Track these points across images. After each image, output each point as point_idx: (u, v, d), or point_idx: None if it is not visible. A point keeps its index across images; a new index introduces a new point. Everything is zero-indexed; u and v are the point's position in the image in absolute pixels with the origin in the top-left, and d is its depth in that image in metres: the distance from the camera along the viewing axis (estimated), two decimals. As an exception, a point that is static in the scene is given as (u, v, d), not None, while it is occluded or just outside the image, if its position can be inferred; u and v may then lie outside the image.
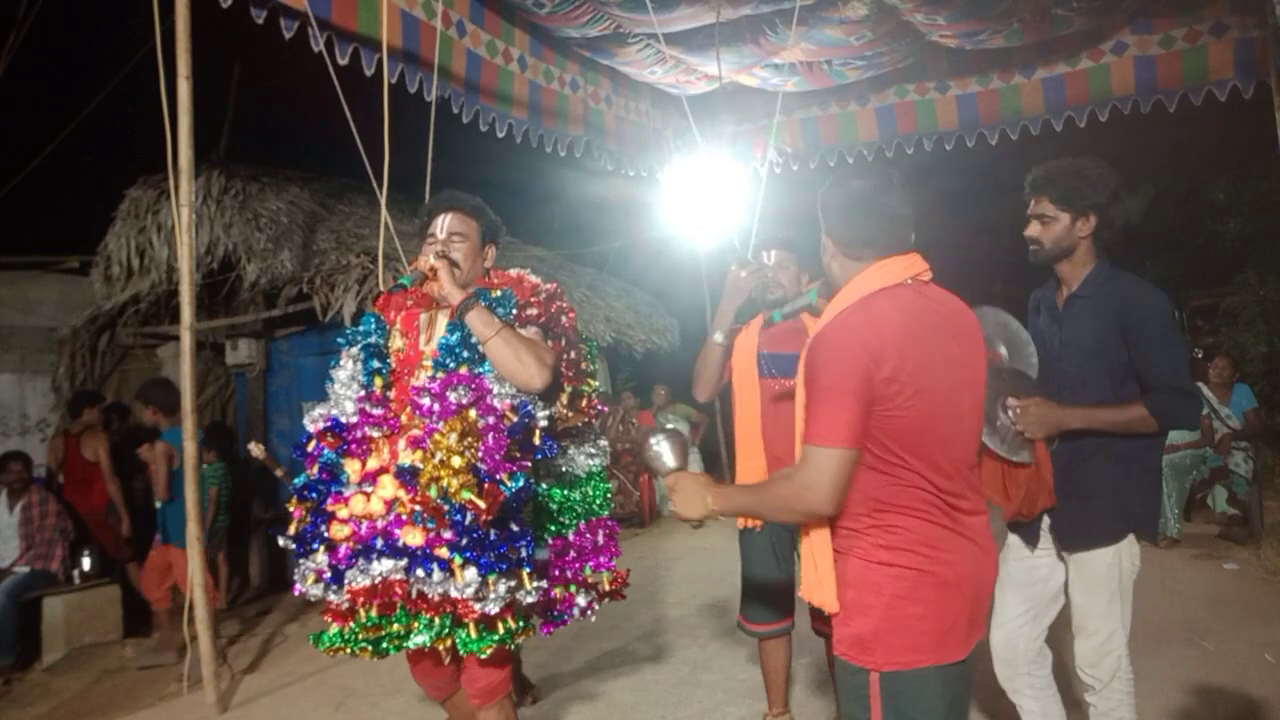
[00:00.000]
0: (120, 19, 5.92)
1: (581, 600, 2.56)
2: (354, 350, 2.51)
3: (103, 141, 9.30)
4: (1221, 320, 9.85)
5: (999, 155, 6.88)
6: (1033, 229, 2.54)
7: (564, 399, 2.61)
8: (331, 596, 2.29)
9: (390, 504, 2.25)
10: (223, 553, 7.13)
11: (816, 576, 1.80)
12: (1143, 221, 11.78)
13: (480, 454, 2.19)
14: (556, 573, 2.58)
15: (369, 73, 4.34)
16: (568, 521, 2.65)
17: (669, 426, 2.31)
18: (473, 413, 2.23)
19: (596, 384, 2.77)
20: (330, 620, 2.35)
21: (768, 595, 3.20)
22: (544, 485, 2.62)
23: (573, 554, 2.62)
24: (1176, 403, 2.33)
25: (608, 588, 2.65)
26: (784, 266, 3.16)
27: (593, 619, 2.60)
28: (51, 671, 5.40)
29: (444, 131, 4.49)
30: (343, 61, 4.19)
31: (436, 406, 2.24)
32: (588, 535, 2.64)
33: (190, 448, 4.34)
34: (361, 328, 2.54)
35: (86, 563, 5.94)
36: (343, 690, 4.40)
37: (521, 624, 2.32)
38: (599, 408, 2.76)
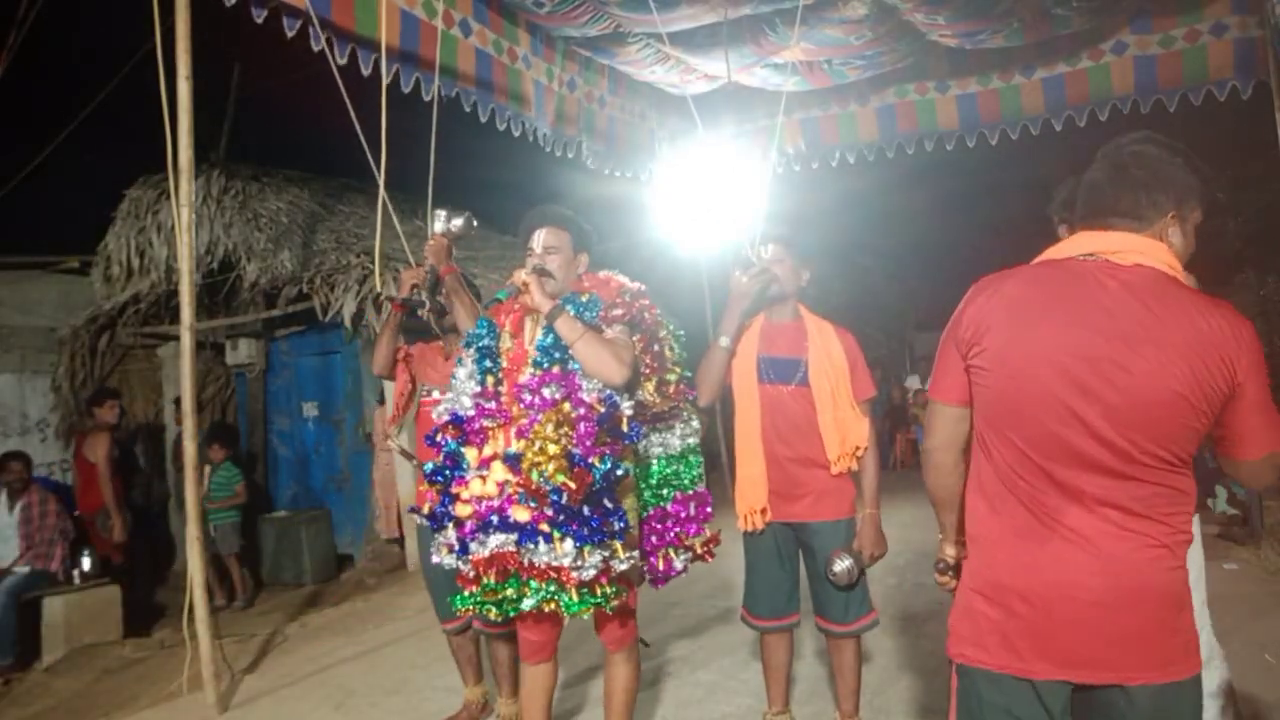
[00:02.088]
0: (120, 19, 5.92)
1: (679, 563, 3.01)
2: (470, 351, 2.80)
3: (103, 141, 9.30)
4: (1221, 320, 9.85)
5: (999, 155, 6.88)
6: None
7: (650, 387, 2.91)
8: (460, 566, 2.65)
9: (501, 486, 2.58)
10: (236, 554, 7.12)
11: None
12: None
13: (574, 441, 2.53)
14: (656, 539, 3.00)
15: (366, 72, 4.34)
16: (666, 494, 3.01)
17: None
18: (567, 405, 2.57)
19: (682, 370, 3.04)
20: (463, 586, 2.71)
21: (771, 592, 3.21)
22: (649, 463, 3.01)
23: (670, 522, 3.00)
24: None
25: (699, 550, 3.04)
26: (779, 260, 3.16)
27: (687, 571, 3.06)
28: (51, 671, 5.40)
29: (445, 131, 4.49)
30: (341, 61, 4.19)
31: (536, 401, 2.58)
32: (683, 506, 3.02)
33: (190, 448, 4.34)
34: (477, 331, 2.85)
35: (86, 563, 5.94)
36: (343, 690, 4.40)
37: (615, 589, 2.61)
38: (687, 393, 3.07)
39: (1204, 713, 2.48)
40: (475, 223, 3.56)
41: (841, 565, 3.04)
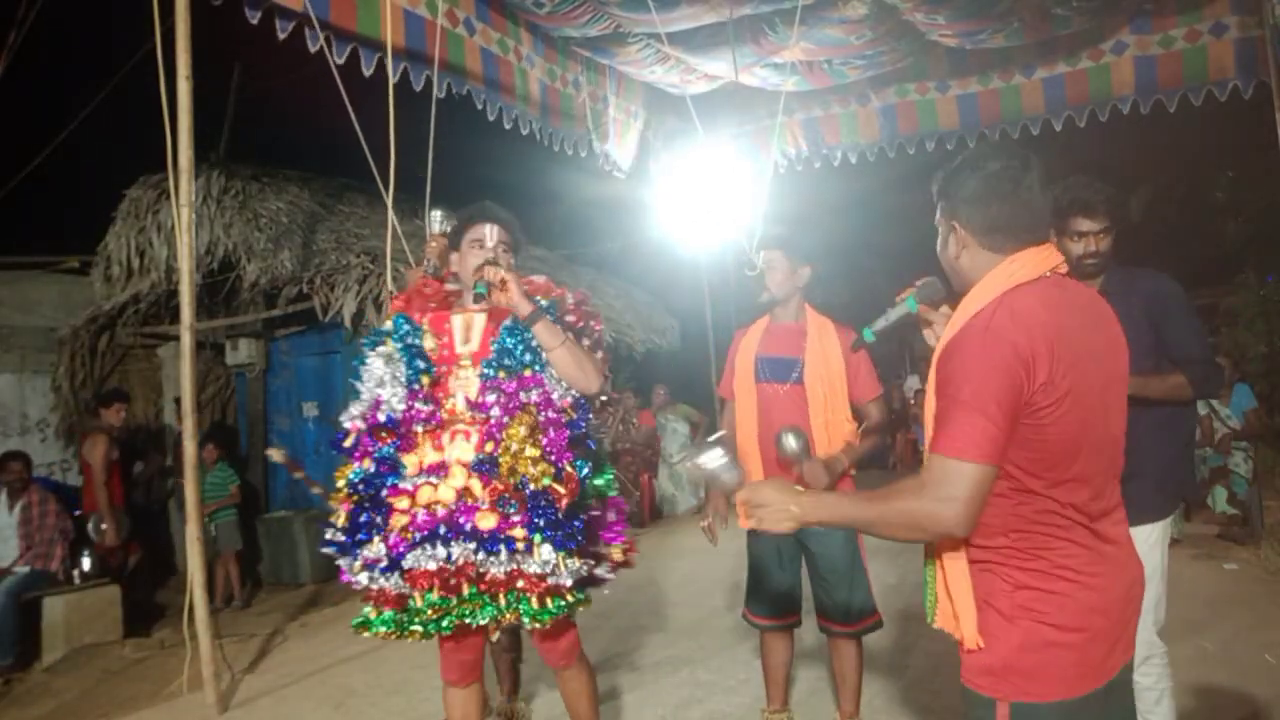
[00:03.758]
0: (120, 19, 5.92)
1: (601, 570, 2.85)
2: (387, 349, 2.58)
3: (103, 141, 9.31)
4: (1221, 320, 9.85)
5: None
6: (1098, 244, 2.64)
7: None
8: (384, 583, 2.43)
9: (460, 492, 2.44)
10: (237, 552, 7.12)
11: (954, 608, 1.63)
12: (1143, 221, 11.79)
13: (546, 446, 2.45)
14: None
15: (368, 72, 4.33)
16: (591, 502, 2.94)
17: (710, 444, 1.86)
18: (533, 409, 2.48)
19: (611, 377, 2.93)
20: (376, 606, 2.50)
21: (772, 592, 3.22)
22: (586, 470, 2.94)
23: (592, 530, 2.91)
24: (1208, 373, 2.61)
25: (620, 557, 2.91)
26: (773, 267, 3.16)
27: (606, 591, 2.86)
28: (51, 671, 5.40)
29: (445, 131, 4.48)
30: (339, 61, 4.18)
31: (506, 403, 2.47)
32: (602, 513, 2.93)
33: (190, 448, 4.34)
34: (394, 328, 2.62)
35: (86, 563, 5.94)
36: (343, 690, 4.40)
37: (581, 595, 2.52)
38: (613, 398, 2.92)
39: (1140, 700, 2.54)
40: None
41: (792, 446, 2.83)
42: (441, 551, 2.39)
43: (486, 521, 2.41)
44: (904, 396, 13.07)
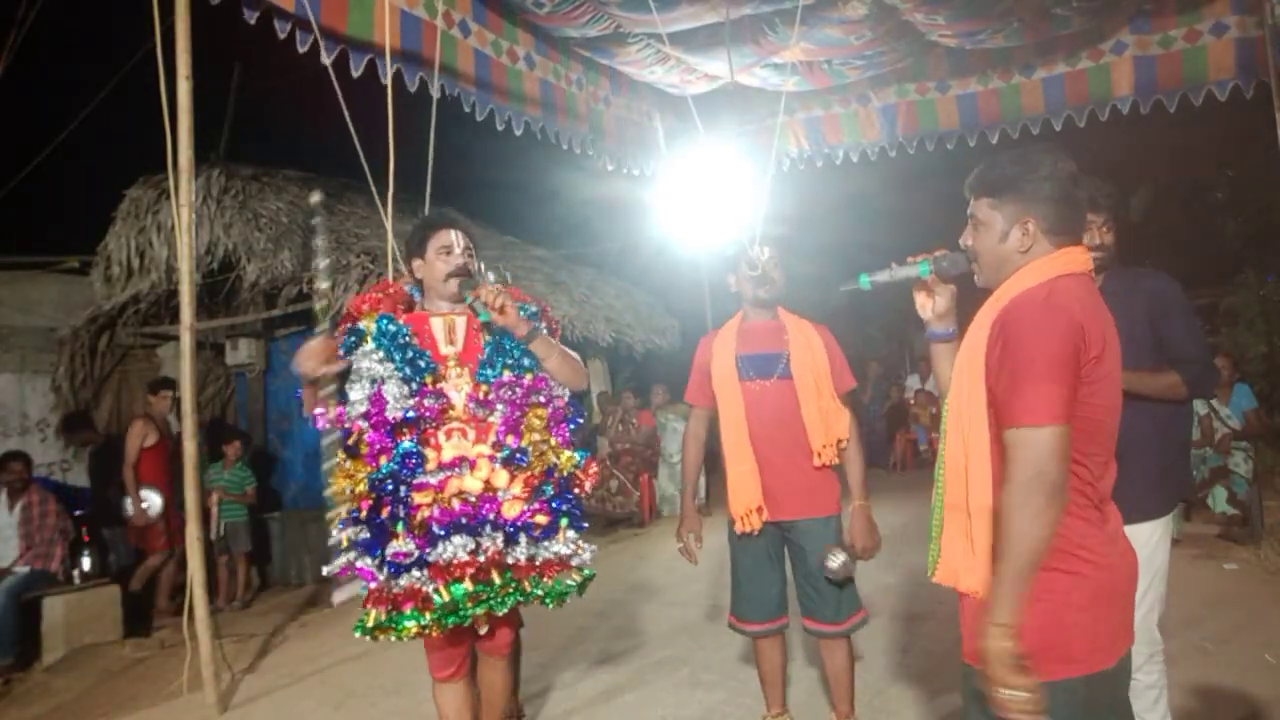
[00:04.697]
0: (120, 19, 5.92)
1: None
2: (368, 348, 2.57)
3: (103, 141, 9.30)
4: (1222, 320, 9.85)
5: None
6: (1102, 236, 2.70)
7: None
8: (406, 581, 2.47)
9: (486, 483, 2.54)
10: (247, 552, 7.12)
11: (972, 560, 1.68)
12: (1143, 221, 11.79)
13: (557, 437, 2.67)
14: None
15: (356, 74, 4.32)
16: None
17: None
18: (544, 407, 2.67)
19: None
20: (393, 608, 2.49)
21: (760, 595, 3.19)
22: None
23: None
24: (1203, 374, 2.66)
25: None
26: (777, 264, 3.20)
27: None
28: (51, 671, 5.40)
29: (445, 132, 4.49)
30: (326, 62, 4.17)
31: (522, 401, 2.62)
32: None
33: (190, 447, 4.34)
34: (380, 329, 2.61)
35: (86, 562, 5.95)
36: (342, 690, 4.40)
37: (590, 572, 2.67)
38: None
39: (1139, 700, 2.56)
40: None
41: (837, 560, 3.02)
42: (471, 542, 2.48)
43: (513, 510, 2.53)
44: (904, 396, 13.05)
